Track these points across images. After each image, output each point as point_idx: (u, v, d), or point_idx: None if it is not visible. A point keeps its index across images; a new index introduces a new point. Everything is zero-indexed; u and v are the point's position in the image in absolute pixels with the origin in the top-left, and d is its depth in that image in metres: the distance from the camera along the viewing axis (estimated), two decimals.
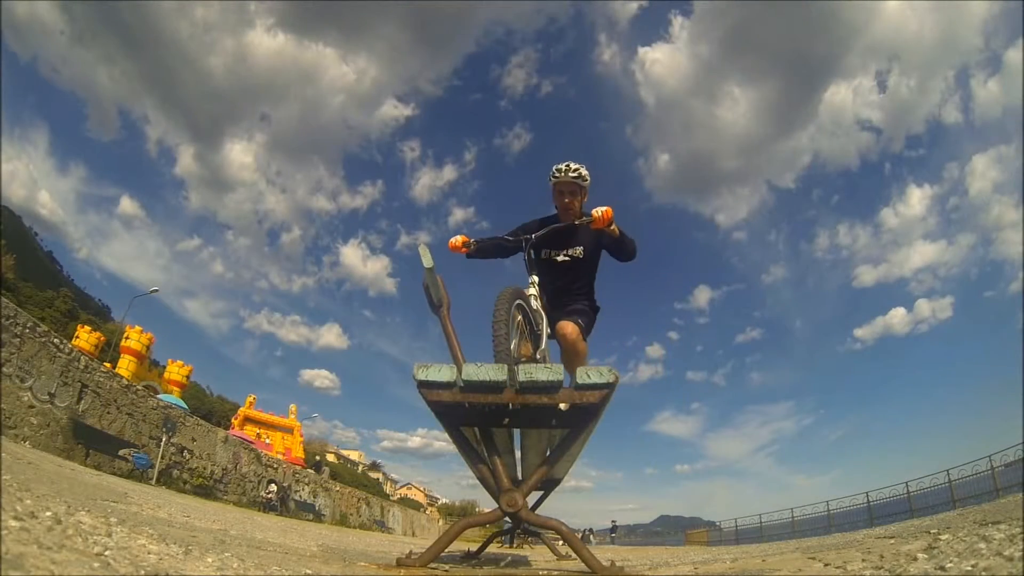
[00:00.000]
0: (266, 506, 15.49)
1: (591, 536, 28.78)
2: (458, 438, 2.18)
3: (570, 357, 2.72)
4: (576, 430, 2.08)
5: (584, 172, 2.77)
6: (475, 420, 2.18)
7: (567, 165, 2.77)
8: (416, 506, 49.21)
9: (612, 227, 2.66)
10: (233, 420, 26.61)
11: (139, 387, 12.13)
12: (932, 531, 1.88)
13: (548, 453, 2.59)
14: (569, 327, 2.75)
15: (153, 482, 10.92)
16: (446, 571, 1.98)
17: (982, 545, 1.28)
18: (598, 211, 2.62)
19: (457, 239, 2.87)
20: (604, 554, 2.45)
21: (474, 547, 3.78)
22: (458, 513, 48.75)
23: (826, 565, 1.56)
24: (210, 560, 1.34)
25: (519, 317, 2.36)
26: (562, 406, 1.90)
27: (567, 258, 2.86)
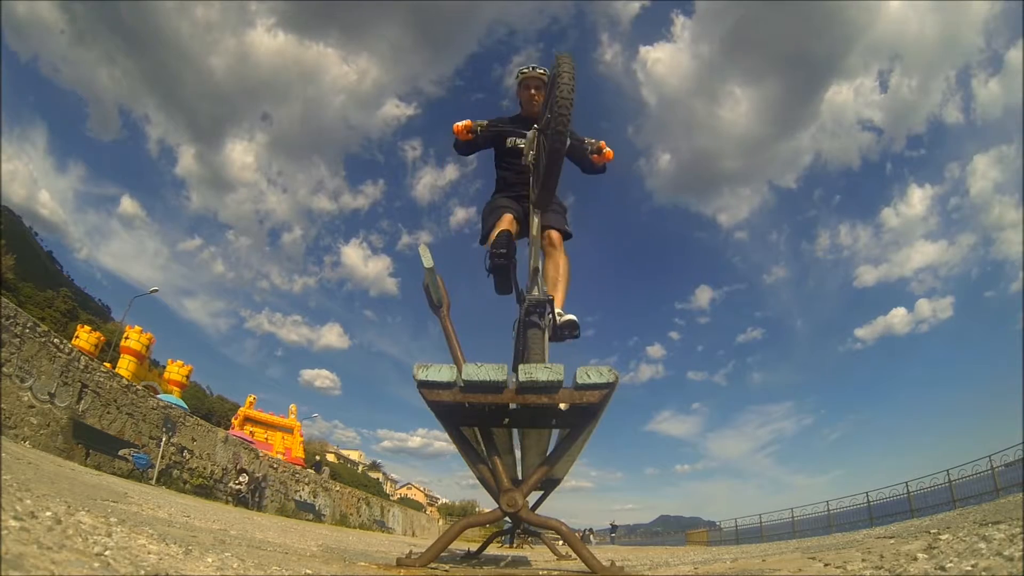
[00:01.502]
0: (236, 499, 14.23)
1: (591, 536, 28.78)
2: (458, 438, 2.17)
3: (553, 263, 2.75)
4: (576, 430, 2.08)
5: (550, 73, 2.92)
6: (475, 420, 2.18)
7: (532, 67, 2.97)
8: (416, 506, 49.15)
9: (603, 164, 2.96)
10: (233, 420, 26.58)
11: (139, 387, 12.12)
12: (932, 531, 1.88)
13: (548, 453, 2.59)
14: (556, 236, 2.79)
15: (153, 482, 10.92)
16: (446, 571, 1.98)
17: (982, 545, 1.28)
18: (606, 148, 2.89)
19: (465, 122, 2.89)
20: (604, 554, 2.45)
21: (474, 547, 3.79)
22: (458, 513, 48.69)
23: (826, 565, 1.56)
24: (210, 560, 1.34)
25: None
26: (562, 406, 1.90)
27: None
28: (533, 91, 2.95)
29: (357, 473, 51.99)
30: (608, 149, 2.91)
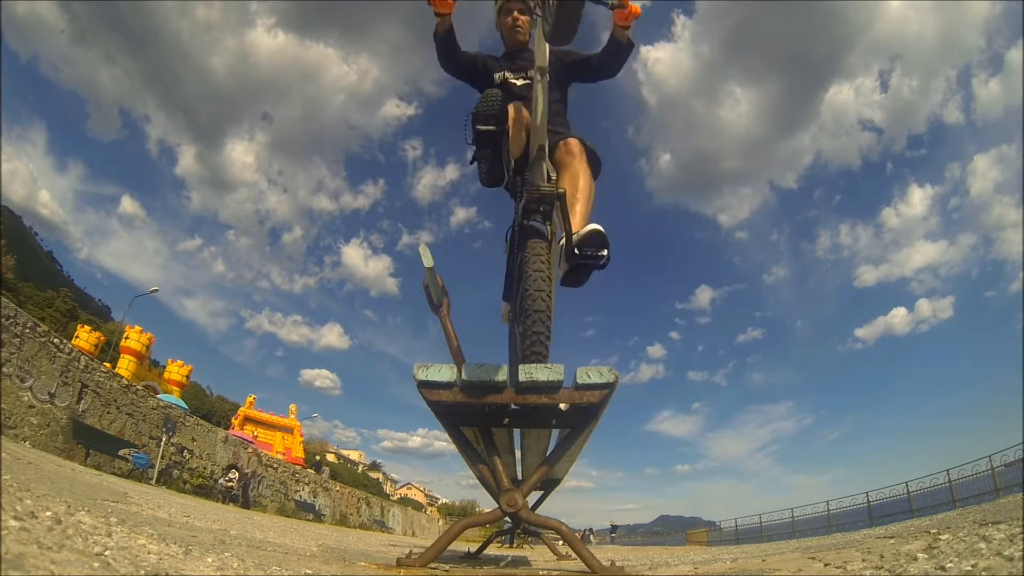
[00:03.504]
0: (226, 496, 13.72)
1: (591, 536, 28.78)
2: (458, 438, 2.17)
3: (570, 175, 2.09)
4: (576, 430, 2.08)
5: None
6: (475, 420, 2.17)
7: None
8: (416, 506, 49.18)
9: (628, 29, 2.22)
10: (233, 420, 26.59)
11: (139, 387, 12.12)
12: (932, 531, 1.88)
13: (548, 453, 2.59)
14: (575, 143, 2.15)
15: (153, 482, 10.92)
16: (446, 571, 1.98)
17: (982, 545, 1.28)
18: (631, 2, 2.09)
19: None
20: (604, 554, 2.45)
21: (474, 547, 3.79)
22: (458, 513, 48.74)
23: (826, 565, 1.56)
24: (210, 560, 1.33)
25: None
26: (562, 406, 1.90)
27: (528, 81, 2.39)
28: (516, 13, 2.49)
29: (357, 473, 52.10)
30: (634, 2, 2.10)
